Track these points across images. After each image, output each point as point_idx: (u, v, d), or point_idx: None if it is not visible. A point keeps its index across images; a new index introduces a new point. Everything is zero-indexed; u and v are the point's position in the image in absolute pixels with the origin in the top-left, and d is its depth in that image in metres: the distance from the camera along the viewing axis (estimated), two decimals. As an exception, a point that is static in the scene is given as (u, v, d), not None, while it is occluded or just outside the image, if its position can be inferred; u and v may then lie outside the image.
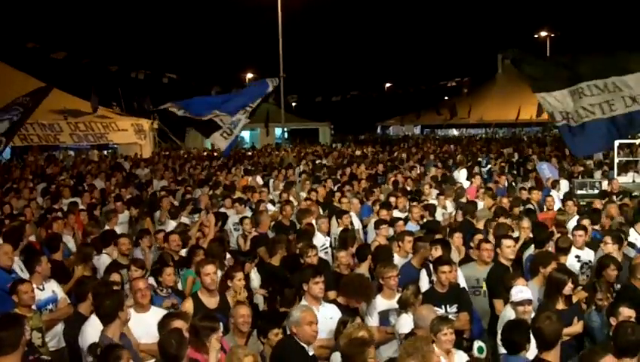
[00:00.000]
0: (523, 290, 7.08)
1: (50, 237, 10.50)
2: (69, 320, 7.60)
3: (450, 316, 7.59)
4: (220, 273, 8.47)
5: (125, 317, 6.52)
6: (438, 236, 10.28)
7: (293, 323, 6.38)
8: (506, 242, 9.03)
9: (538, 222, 11.55)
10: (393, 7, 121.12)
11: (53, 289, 8.27)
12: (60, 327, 7.88)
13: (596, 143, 16.30)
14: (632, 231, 10.88)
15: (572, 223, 11.32)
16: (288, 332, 6.54)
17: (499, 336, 6.48)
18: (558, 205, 13.86)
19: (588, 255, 9.76)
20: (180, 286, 9.14)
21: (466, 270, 9.15)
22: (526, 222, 10.86)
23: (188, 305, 7.53)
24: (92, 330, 6.64)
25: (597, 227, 11.16)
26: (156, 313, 7.18)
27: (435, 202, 14.49)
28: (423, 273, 8.73)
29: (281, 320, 6.86)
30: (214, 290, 7.74)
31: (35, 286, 7.80)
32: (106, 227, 12.02)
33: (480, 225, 11.54)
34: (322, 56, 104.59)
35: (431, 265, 8.62)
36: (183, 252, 10.23)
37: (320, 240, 10.97)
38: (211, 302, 7.65)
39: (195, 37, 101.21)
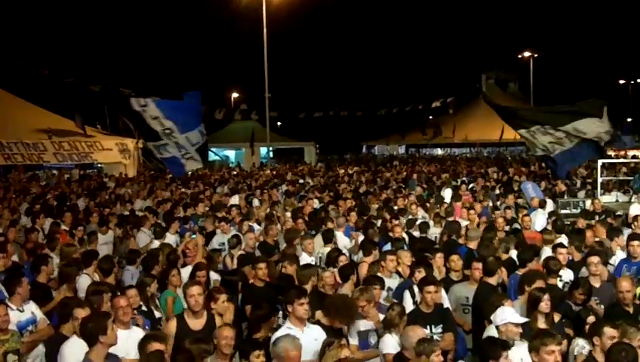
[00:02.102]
0: (505, 312, 7.04)
1: (38, 258, 10.33)
2: (51, 342, 7.47)
3: (435, 336, 7.59)
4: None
5: (110, 340, 6.42)
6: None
7: (275, 356, 6.28)
8: None
9: (522, 242, 11.59)
10: (377, 29, 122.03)
11: (32, 310, 8.15)
12: (41, 348, 7.77)
13: (567, 164, 18.80)
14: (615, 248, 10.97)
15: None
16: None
17: None
18: (544, 224, 13.97)
19: (569, 275, 9.77)
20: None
21: (457, 288, 9.22)
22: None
23: (171, 326, 7.49)
24: (70, 351, 6.61)
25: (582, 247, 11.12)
26: (137, 331, 7.23)
27: (428, 221, 14.58)
28: (407, 294, 8.71)
29: (263, 342, 6.80)
30: (200, 311, 7.66)
31: (15, 307, 7.75)
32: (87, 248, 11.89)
33: (473, 245, 11.56)
34: (307, 75, 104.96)
35: (414, 286, 8.64)
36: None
37: (305, 260, 10.92)
38: (196, 323, 7.58)
39: (180, 56, 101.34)
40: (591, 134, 18.97)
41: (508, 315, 6.98)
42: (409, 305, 8.33)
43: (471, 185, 22.66)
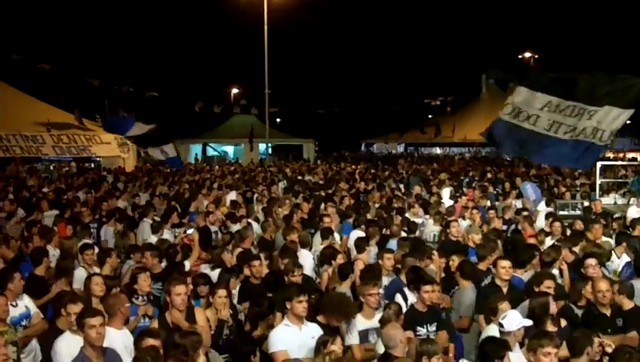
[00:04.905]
0: (517, 316, 6.96)
1: (35, 251, 10.28)
2: (47, 336, 7.46)
3: (430, 335, 7.60)
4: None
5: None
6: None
7: None
8: (502, 263, 8.99)
9: (521, 243, 11.59)
10: (378, 27, 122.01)
11: (25, 304, 8.10)
12: (34, 343, 7.75)
13: (552, 156, 16.84)
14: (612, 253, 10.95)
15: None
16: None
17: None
18: (543, 224, 13.97)
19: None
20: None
21: None
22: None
23: (154, 326, 7.46)
24: (64, 345, 6.59)
25: (577, 249, 11.08)
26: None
27: (418, 220, 14.56)
28: (398, 297, 8.71)
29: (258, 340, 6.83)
30: (183, 311, 7.60)
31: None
32: (83, 241, 11.87)
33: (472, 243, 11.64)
34: (307, 73, 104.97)
35: (405, 289, 8.75)
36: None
37: (304, 256, 10.93)
38: (177, 320, 7.53)
39: (180, 51, 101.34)
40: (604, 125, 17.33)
41: (523, 320, 6.93)
42: (402, 308, 8.31)
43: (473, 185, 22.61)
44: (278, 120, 64.36)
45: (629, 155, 44.84)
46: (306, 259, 10.85)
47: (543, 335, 6.24)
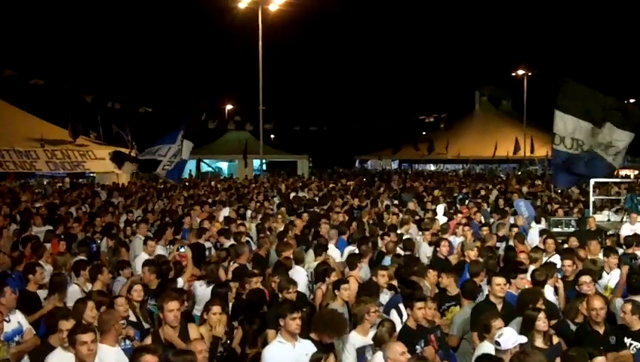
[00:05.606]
0: (514, 334, 6.89)
1: (27, 267, 10.23)
2: (39, 352, 7.39)
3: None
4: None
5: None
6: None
7: None
8: (497, 280, 8.93)
9: (514, 260, 11.60)
10: (372, 44, 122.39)
11: (18, 320, 8.04)
12: (26, 359, 7.67)
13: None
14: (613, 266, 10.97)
15: (554, 260, 11.43)
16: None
17: None
18: (537, 241, 14.01)
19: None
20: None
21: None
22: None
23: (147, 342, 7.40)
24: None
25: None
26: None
27: (416, 237, 14.55)
28: (394, 313, 8.68)
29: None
30: (176, 327, 7.57)
31: (-1, 318, 7.64)
32: (78, 257, 11.82)
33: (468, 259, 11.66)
34: (302, 90, 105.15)
35: (401, 305, 8.70)
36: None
37: (298, 273, 10.88)
38: (170, 337, 7.49)
39: (174, 66, 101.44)
40: (621, 144, 18.17)
41: (518, 337, 6.86)
42: (397, 324, 8.27)
43: (467, 203, 22.61)
44: (272, 136, 64.45)
45: (622, 172, 44.90)
46: (300, 276, 10.80)
47: (535, 353, 6.20)
